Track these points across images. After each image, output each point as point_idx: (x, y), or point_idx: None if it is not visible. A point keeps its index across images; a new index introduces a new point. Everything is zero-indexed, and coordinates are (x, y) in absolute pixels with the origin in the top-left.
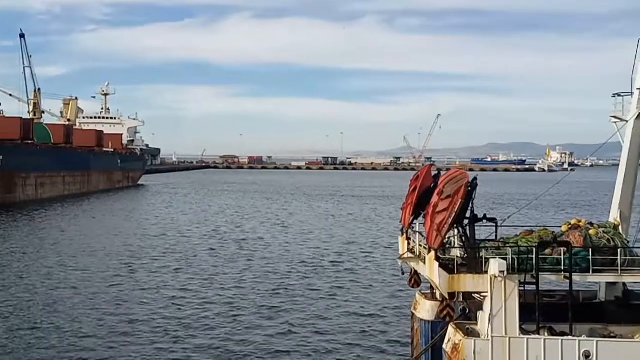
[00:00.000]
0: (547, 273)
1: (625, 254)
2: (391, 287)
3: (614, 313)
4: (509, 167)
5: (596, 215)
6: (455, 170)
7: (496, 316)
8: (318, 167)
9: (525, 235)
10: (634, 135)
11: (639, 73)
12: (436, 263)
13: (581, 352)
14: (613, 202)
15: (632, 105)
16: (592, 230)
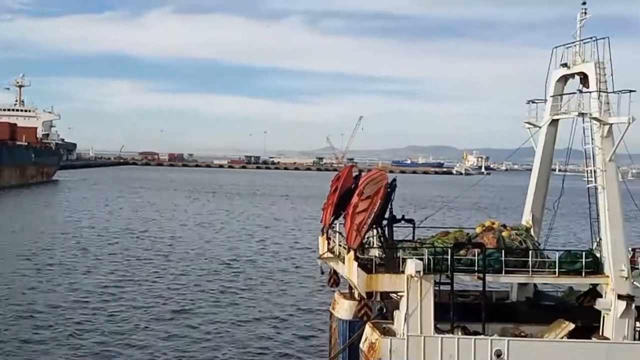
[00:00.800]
0: (462, 273)
1: (536, 255)
2: (310, 287)
3: (525, 313)
4: (427, 169)
5: (509, 217)
6: (375, 172)
7: (412, 315)
8: (240, 166)
9: (442, 236)
10: (547, 141)
11: (552, 81)
12: (355, 263)
13: (493, 351)
14: (525, 205)
15: (545, 112)
16: (505, 232)
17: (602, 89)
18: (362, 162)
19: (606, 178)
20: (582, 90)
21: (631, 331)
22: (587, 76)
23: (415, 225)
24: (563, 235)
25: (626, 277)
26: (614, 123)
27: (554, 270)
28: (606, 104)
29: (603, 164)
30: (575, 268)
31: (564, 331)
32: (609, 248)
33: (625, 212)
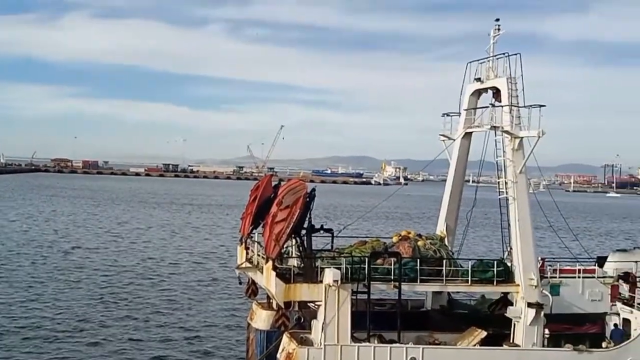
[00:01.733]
0: (379, 282)
1: (450, 264)
2: (228, 297)
3: (439, 321)
4: (347, 179)
5: (425, 227)
6: (294, 181)
7: (329, 324)
8: (158, 174)
9: (359, 245)
10: (461, 153)
11: (466, 95)
12: (273, 272)
13: (408, 359)
14: (440, 215)
15: (459, 125)
16: (420, 242)
17: (514, 104)
18: (283, 172)
19: (517, 189)
20: (494, 104)
21: (540, 338)
22: (499, 91)
23: (333, 234)
24: (476, 245)
25: (535, 285)
26: (524, 136)
27: (466, 279)
28: (517, 118)
29: (514, 176)
30: (487, 277)
31: (476, 339)
32: (519, 257)
33: (535, 222)
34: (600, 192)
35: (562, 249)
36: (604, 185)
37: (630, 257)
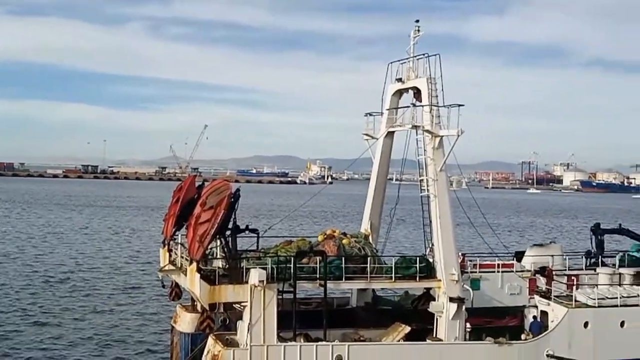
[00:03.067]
0: (304, 281)
1: (374, 262)
2: (151, 301)
3: (364, 318)
4: (273, 179)
5: (349, 225)
6: (218, 182)
7: (255, 325)
8: (77, 176)
9: (285, 245)
10: (383, 152)
11: (388, 95)
12: (197, 274)
13: (334, 356)
14: (364, 214)
15: (382, 125)
16: (345, 240)
17: (434, 103)
18: (207, 172)
19: (437, 187)
20: (415, 104)
21: (462, 332)
22: (420, 91)
23: (259, 235)
24: (399, 242)
25: (457, 280)
26: (444, 135)
27: (390, 275)
28: (437, 117)
29: (435, 174)
30: (410, 273)
31: (400, 334)
32: (440, 253)
33: (456, 218)
34: (518, 188)
35: (482, 245)
36: (522, 182)
37: (547, 252)
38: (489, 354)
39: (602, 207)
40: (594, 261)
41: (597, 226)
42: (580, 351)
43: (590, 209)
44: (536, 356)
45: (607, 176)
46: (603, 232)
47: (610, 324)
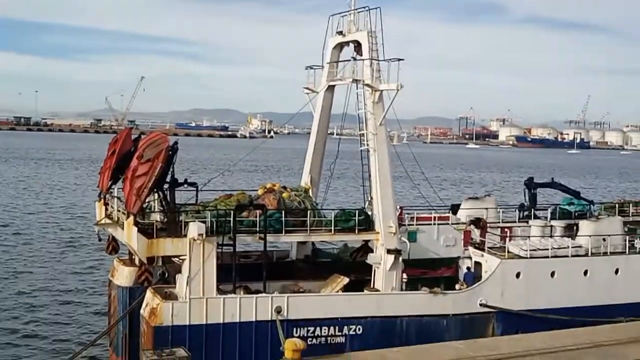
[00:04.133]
0: (244, 234)
1: (314, 215)
2: (88, 255)
3: (304, 270)
4: (212, 132)
5: (290, 179)
6: (155, 134)
7: (194, 278)
8: (8, 128)
9: (224, 199)
10: (324, 106)
11: (329, 48)
12: (135, 228)
13: (273, 308)
14: (304, 168)
15: (323, 78)
16: (285, 194)
17: (374, 57)
18: (144, 125)
19: (377, 141)
20: (356, 57)
21: (398, 282)
22: (360, 44)
23: (198, 188)
24: (339, 196)
25: (394, 232)
26: (384, 89)
27: (330, 228)
28: (377, 72)
29: (374, 128)
30: (349, 226)
31: (339, 285)
32: (379, 206)
33: (394, 172)
34: (456, 143)
35: (420, 198)
36: (459, 137)
37: (482, 205)
38: (424, 303)
39: (536, 162)
40: (527, 214)
41: (530, 180)
42: (512, 300)
43: (525, 164)
44: (470, 305)
45: (541, 132)
46: (536, 186)
47: (541, 274)
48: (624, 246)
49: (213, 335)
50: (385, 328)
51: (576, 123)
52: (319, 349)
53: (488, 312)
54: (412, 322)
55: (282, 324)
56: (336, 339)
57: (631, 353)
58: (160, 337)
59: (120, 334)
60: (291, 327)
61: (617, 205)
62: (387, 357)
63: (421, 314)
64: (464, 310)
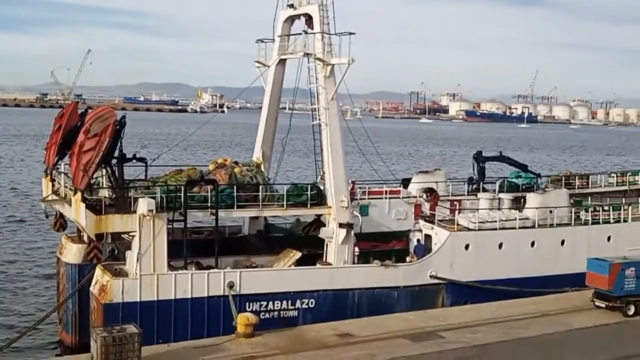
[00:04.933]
0: (195, 210)
1: (266, 190)
2: (35, 232)
3: (256, 245)
4: (162, 107)
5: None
6: (102, 108)
7: (145, 255)
8: None
9: (175, 174)
10: (275, 80)
11: (280, 22)
12: (83, 204)
13: (226, 283)
14: (256, 142)
15: (274, 52)
16: (236, 169)
17: (325, 31)
18: (92, 99)
19: (329, 115)
20: (307, 31)
21: (351, 256)
22: (311, 17)
23: (147, 164)
24: (291, 170)
25: (346, 207)
26: (335, 64)
27: (282, 203)
28: (329, 46)
29: (326, 103)
30: (301, 200)
31: (291, 260)
32: (331, 181)
33: (346, 147)
34: (407, 118)
35: (372, 172)
36: (410, 112)
37: (432, 178)
38: (376, 276)
39: (485, 136)
40: (476, 187)
41: (479, 154)
42: (461, 272)
43: (475, 138)
44: (420, 277)
45: (490, 106)
46: (484, 160)
47: (489, 246)
48: (569, 218)
49: (165, 312)
50: (338, 301)
51: (524, 98)
52: (272, 323)
53: (438, 283)
54: (364, 295)
55: (234, 299)
56: (289, 312)
57: (575, 321)
58: (111, 314)
59: (70, 312)
60: (244, 302)
61: (564, 178)
62: (339, 329)
63: (373, 286)
64: (414, 282)
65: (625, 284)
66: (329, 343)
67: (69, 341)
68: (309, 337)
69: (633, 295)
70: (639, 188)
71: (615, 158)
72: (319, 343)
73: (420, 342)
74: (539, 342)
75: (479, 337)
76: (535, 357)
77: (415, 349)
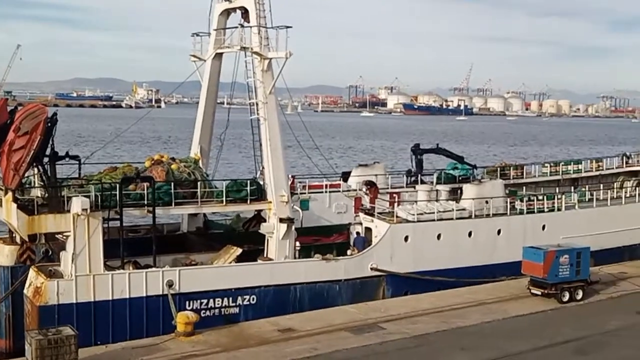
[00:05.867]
0: (131, 208)
1: (204, 186)
2: None
3: (196, 242)
4: (96, 102)
5: (179, 150)
6: (33, 105)
7: (80, 255)
8: None
9: (110, 172)
10: (212, 75)
11: (215, 15)
12: (14, 205)
13: (165, 282)
14: (194, 138)
15: (210, 46)
16: (174, 165)
17: (262, 24)
18: (22, 96)
19: (267, 110)
20: (243, 24)
21: (292, 251)
22: (247, 11)
23: (81, 161)
24: (231, 166)
25: (286, 201)
26: (273, 58)
27: (221, 199)
28: (266, 39)
29: (264, 97)
30: (241, 196)
31: (232, 256)
32: (270, 176)
33: (286, 141)
34: (346, 111)
35: (311, 167)
36: (349, 106)
37: (371, 171)
38: (317, 270)
39: (423, 129)
40: (414, 179)
41: (416, 146)
42: (401, 263)
43: (413, 131)
44: (361, 270)
45: (427, 99)
46: (422, 152)
47: (428, 237)
48: (505, 208)
49: (102, 313)
50: (279, 296)
51: (460, 90)
52: (213, 321)
53: (378, 275)
54: (306, 289)
55: (174, 298)
56: (230, 309)
57: (512, 308)
58: (46, 317)
59: (3, 315)
60: (184, 301)
61: (499, 169)
62: (281, 324)
63: (314, 280)
64: (355, 275)
65: (560, 271)
66: (271, 338)
67: (3, 346)
68: (250, 333)
69: (567, 282)
70: (572, 177)
71: (549, 148)
72: (260, 339)
73: (361, 334)
74: (477, 331)
75: (419, 328)
76: (474, 345)
77: (357, 342)
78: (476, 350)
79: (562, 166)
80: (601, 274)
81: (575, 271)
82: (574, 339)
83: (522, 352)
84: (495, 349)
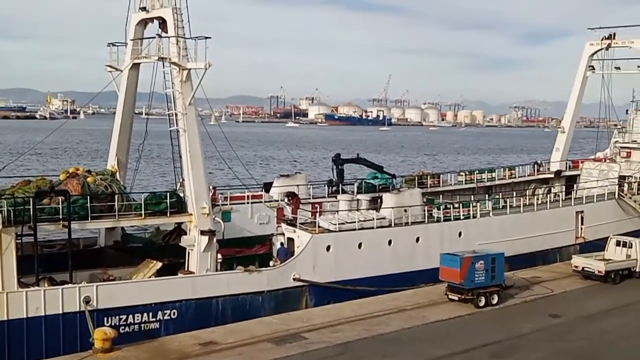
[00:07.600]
0: (46, 223)
1: (122, 199)
2: None
3: (114, 257)
4: (8, 114)
5: (95, 163)
6: None
7: None
8: None
9: (22, 185)
10: (129, 85)
11: (132, 25)
12: None
13: (82, 298)
14: (110, 150)
15: (127, 56)
16: (89, 178)
17: (180, 35)
18: None
19: (187, 121)
20: (161, 35)
21: (214, 263)
22: (165, 21)
23: None
24: (150, 178)
25: (208, 213)
26: (192, 68)
27: (140, 212)
28: (184, 50)
29: (184, 108)
30: (160, 209)
31: (151, 270)
32: (191, 187)
33: (207, 153)
34: (268, 122)
35: (233, 178)
36: (271, 116)
37: (293, 182)
38: (239, 282)
39: (344, 139)
40: (335, 189)
41: (337, 157)
42: (323, 273)
43: (335, 141)
44: (283, 281)
45: (347, 110)
46: (343, 162)
47: (349, 246)
48: (423, 216)
49: (16, 332)
50: (201, 310)
51: (379, 101)
52: (133, 337)
53: (301, 285)
54: (228, 302)
55: (91, 314)
56: (150, 324)
57: (431, 314)
58: None
59: None
60: (102, 317)
61: (417, 178)
62: (202, 337)
63: (237, 292)
64: (278, 285)
65: (476, 277)
66: (192, 352)
67: None
68: (171, 347)
69: (483, 287)
70: (486, 185)
71: (465, 157)
72: (181, 353)
73: (284, 345)
74: (397, 337)
75: (341, 336)
76: (395, 351)
77: (280, 352)
78: (397, 357)
79: (477, 174)
80: (515, 279)
81: (490, 276)
82: (491, 342)
83: (442, 356)
84: (415, 354)
